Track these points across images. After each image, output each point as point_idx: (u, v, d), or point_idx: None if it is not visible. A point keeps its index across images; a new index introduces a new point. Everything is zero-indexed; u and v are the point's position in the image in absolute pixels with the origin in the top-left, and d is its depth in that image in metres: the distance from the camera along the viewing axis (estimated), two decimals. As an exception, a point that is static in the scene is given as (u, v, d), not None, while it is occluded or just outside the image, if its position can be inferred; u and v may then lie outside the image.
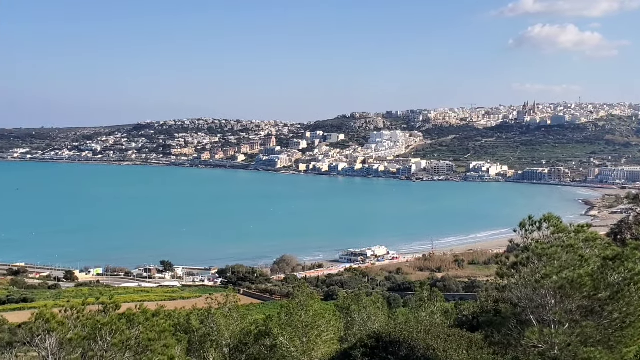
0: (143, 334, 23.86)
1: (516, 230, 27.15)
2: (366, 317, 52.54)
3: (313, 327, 39.95)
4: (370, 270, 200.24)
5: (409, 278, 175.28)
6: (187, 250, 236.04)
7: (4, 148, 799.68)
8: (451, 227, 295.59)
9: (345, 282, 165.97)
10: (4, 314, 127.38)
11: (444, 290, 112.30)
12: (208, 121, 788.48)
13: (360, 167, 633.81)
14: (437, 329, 35.40)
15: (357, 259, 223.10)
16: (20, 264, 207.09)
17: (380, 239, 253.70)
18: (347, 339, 47.80)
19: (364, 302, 55.57)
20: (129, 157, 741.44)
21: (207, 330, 42.13)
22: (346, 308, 55.28)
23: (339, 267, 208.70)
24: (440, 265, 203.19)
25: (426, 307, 50.32)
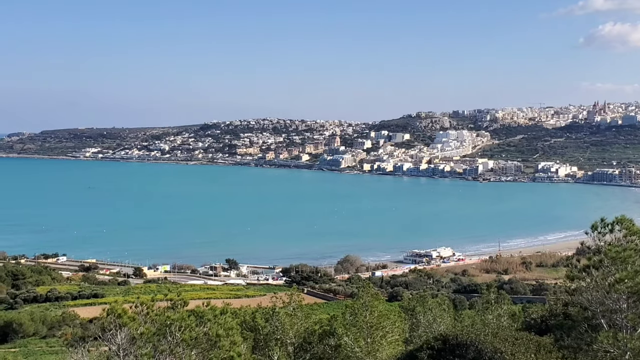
0: (211, 330, 24.16)
1: (588, 233, 26.50)
2: (431, 319, 52.04)
3: (378, 328, 39.76)
4: (436, 271, 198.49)
5: (474, 280, 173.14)
6: (252, 249, 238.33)
7: (77, 147, 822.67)
8: (519, 229, 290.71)
9: (410, 283, 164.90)
10: (75, 309, 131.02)
11: (510, 293, 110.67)
12: (273, 121, 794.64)
13: (425, 167, 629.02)
14: (505, 332, 34.83)
15: (421, 260, 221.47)
16: (92, 260, 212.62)
17: (445, 240, 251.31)
18: (412, 341, 47.45)
19: (430, 303, 55.07)
20: (195, 157, 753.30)
21: (272, 328, 42.36)
22: (411, 309, 54.88)
23: (404, 268, 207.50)
24: (507, 268, 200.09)
25: (493, 309, 49.53)
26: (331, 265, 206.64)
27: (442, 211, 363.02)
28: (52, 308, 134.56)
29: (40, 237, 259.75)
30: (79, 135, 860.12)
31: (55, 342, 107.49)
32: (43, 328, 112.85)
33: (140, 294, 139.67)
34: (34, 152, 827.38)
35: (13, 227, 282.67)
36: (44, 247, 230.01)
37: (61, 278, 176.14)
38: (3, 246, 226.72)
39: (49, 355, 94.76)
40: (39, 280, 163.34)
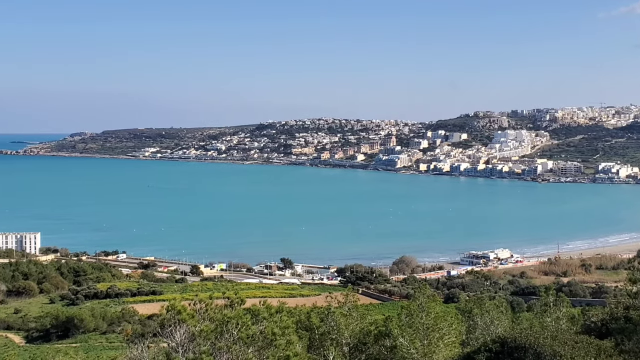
0: (267, 329, 24.31)
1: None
2: (489, 321, 51.31)
3: (434, 330, 39.40)
4: (493, 273, 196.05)
5: (533, 282, 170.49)
6: (307, 249, 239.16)
7: (137, 147, 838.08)
8: (578, 231, 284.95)
9: (467, 284, 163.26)
10: (134, 305, 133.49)
11: (570, 295, 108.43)
12: (328, 121, 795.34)
13: (483, 167, 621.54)
14: (564, 335, 34.15)
15: (478, 262, 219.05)
16: (150, 258, 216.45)
17: (503, 241, 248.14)
18: (468, 343, 46.90)
19: (487, 305, 54.32)
20: (251, 157, 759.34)
21: (327, 328, 42.34)
22: (468, 311, 54.20)
23: (460, 270, 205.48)
24: (566, 270, 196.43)
25: (551, 312, 48.60)
26: (386, 266, 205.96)
27: (500, 212, 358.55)
28: (112, 304, 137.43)
29: (101, 234, 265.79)
30: (139, 135, 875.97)
31: (114, 337, 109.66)
32: (103, 324, 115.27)
33: (197, 291, 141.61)
34: (96, 151, 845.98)
35: (75, 225, 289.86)
36: (105, 244, 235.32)
37: (121, 275, 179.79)
38: (66, 243, 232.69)
39: (108, 350, 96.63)
40: (99, 277, 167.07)
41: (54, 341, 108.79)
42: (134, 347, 31.18)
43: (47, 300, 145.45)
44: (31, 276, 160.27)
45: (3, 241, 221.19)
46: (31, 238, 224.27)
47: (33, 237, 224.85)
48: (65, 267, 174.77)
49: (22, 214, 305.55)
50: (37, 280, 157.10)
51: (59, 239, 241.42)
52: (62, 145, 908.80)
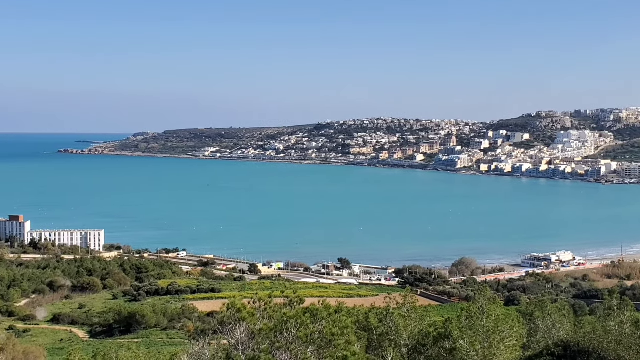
0: (326, 328, 24.28)
1: None
2: (550, 325, 50.40)
3: (495, 332, 38.80)
4: (554, 275, 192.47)
5: (595, 285, 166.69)
6: (364, 249, 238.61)
7: (197, 147, 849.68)
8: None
9: (528, 287, 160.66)
10: (194, 302, 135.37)
11: (633, 299, 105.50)
12: (387, 120, 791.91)
13: (545, 168, 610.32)
14: (629, 339, 33.32)
15: (540, 264, 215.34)
16: (209, 256, 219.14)
17: (565, 243, 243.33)
18: (530, 346, 46.14)
19: (549, 308, 53.33)
20: (309, 156, 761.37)
21: (385, 329, 42.09)
22: (529, 314, 53.31)
23: (521, 272, 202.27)
24: (630, 273, 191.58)
25: (615, 316, 47.42)
26: (445, 267, 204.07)
27: (562, 214, 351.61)
28: (172, 301, 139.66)
29: (162, 232, 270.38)
30: (199, 135, 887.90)
31: (175, 334, 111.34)
32: (164, 320, 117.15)
33: (255, 290, 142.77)
34: (157, 150, 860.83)
35: (137, 222, 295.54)
36: (166, 242, 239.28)
37: (181, 272, 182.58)
38: (128, 240, 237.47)
39: (169, 346, 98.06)
40: (160, 274, 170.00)
41: (116, 336, 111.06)
42: (195, 344, 31.53)
43: (110, 296, 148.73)
44: (95, 272, 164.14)
45: (69, 238, 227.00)
46: (95, 235, 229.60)
47: (97, 234, 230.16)
48: (127, 263, 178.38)
49: (87, 212, 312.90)
50: (100, 276, 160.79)
51: (122, 236, 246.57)
52: (125, 144, 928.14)
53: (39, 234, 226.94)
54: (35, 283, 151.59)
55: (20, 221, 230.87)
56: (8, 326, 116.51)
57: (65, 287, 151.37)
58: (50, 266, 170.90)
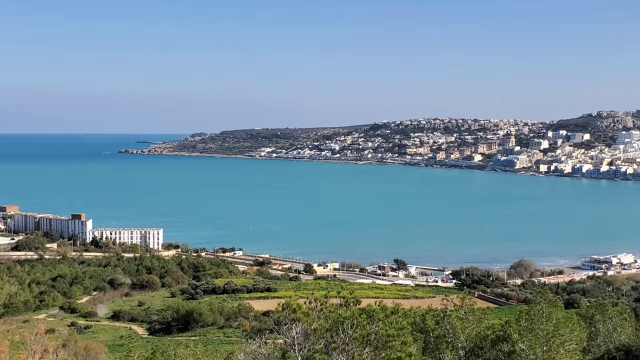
0: (382, 329, 24.04)
1: None
2: (611, 328, 49.19)
3: (555, 336, 38.04)
4: (616, 278, 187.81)
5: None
6: (421, 250, 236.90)
7: (253, 147, 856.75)
8: None
9: (588, 290, 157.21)
10: (250, 301, 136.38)
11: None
12: (444, 120, 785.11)
13: (606, 169, 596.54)
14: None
15: (600, 267, 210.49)
16: (265, 255, 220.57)
17: (626, 246, 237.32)
18: (590, 350, 45.12)
19: (610, 312, 52.07)
20: (365, 157, 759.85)
21: (442, 331, 41.59)
22: (589, 317, 52.16)
23: (581, 274, 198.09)
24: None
25: (679, 320, 46.10)
26: (503, 269, 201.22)
27: (623, 216, 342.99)
28: (228, 300, 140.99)
29: (218, 231, 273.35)
30: (255, 135, 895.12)
31: (231, 332, 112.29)
32: (220, 318, 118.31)
33: (311, 290, 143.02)
34: (214, 151, 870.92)
35: (195, 221, 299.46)
36: (222, 241, 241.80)
37: (237, 271, 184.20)
38: (186, 239, 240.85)
39: (226, 345, 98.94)
40: (217, 273, 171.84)
41: (174, 334, 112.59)
42: (252, 343, 31.64)
43: (168, 293, 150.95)
44: (154, 270, 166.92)
45: (129, 236, 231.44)
46: (154, 234, 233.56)
47: (156, 233, 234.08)
48: (185, 262, 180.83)
49: (146, 211, 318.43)
50: (159, 274, 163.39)
51: (179, 235, 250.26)
52: (183, 145, 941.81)
53: (100, 232, 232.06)
54: (97, 280, 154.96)
55: (83, 220, 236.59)
56: (70, 322, 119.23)
57: (125, 284, 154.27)
58: (111, 264, 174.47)
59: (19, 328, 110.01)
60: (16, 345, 71.49)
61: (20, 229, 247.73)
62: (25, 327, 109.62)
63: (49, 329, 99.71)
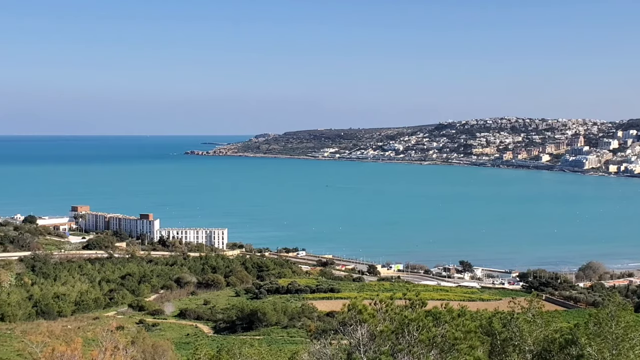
0: (449, 332, 23.83)
1: None
2: (686, 334, 47.67)
3: (624, 340, 37.08)
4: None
5: None
6: (487, 252, 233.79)
7: (316, 148, 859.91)
8: None
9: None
10: (313, 301, 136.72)
11: None
12: (511, 120, 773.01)
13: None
14: None
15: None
16: (328, 256, 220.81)
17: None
18: (663, 356, 43.76)
19: (684, 317, 50.50)
20: (429, 157, 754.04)
21: (509, 334, 40.96)
22: (662, 322, 50.67)
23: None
24: None
25: None
26: (572, 272, 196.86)
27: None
28: (292, 300, 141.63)
29: (282, 232, 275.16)
30: (318, 136, 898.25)
31: (295, 332, 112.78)
32: (284, 318, 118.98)
33: (374, 291, 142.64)
34: (278, 152, 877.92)
35: (259, 221, 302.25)
36: (286, 241, 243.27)
37: (300, 271, 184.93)
38: (250, 239, 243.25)
39: (289, 344, 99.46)
40: (280, 273, 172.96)
41: (239, 332, 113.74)
42: (316, 343, 31.73)
43: (232, 293, 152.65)
44: (219, 270, 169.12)
45: (194, 236, 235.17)
46: (219, 234, 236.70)
47: (221, 232, 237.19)
48: (249, 262, 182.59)
49: (211, 211, 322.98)
50: (224, 273, 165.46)
51: (244, 235, 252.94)
52: (247, 146, 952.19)
53: (167, 232, 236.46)
54: (164, 279, 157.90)
55: (150, 220, 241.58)
56: (138, 320, 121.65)
57: (191, 283, 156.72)
58: (177, 263, 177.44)
59: (90, 325, 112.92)
60: (87, 342, 73.44)
61: (91, 228, 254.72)
62: (95, 324, 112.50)
63: (118, 326, 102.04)
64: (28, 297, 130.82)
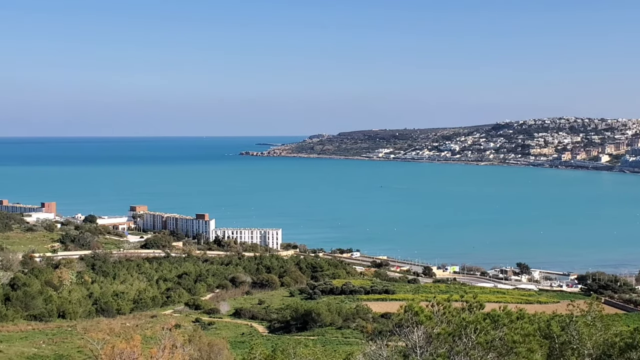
0: (507, 335, 23.50)
1: None
2: None
3: (687, 344, 36.16)
4: None
5: None
6: (544, 254, 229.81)
7: (370, 148, 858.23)
8: None
9: None
10: (368, 303, 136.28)
11: None
12: (569, 120, 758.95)
13: None
14: None
15: None
16: (383, 257, 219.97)
17: None
18: None
19: None
20: (486, 157, 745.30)
21: (568, 337, 40.19)
22: None
23: None
24: None
25: None
26: (632, 275, 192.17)
27: None
28: (346, 300, 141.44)
29: (336, 232, 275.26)
30: (373, 136, 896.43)
31: (349, 333, 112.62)
32: (338, 319, 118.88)
33: (430, 293, 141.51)
34: (332, 152, 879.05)
35: (313, 222, 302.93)
36: (340, 242, 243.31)
37: (355, 272, 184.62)
38: (304, 239, 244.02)
39: (344, 345, 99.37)
40: (334, 274, 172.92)
41: (293, 332, 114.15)
42: (372, 344, 31.67)
43: (287, 293, 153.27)
44: (273, 270, 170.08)
45: (249, 236, 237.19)
46: (273, 234, 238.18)
47: (275, 233, 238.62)
48: (303, 262, 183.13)
49: (265, 212, 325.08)
50: (278, 273, 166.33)
51: (298, 235, 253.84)
52: (301, 146, 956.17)
53: (222, 231, 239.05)
54: (219, 278, 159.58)
55: (206, 220, 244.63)
56: (195, 318, 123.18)
57: (245, 283, 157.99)
58: (232, 263, 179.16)
59: (148, 323, 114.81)
60: (146, 340, 74.64)
61: (148, 228, 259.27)
62: (153, 322, 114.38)
63: (175, 325, 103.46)
64: (88, 295, 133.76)
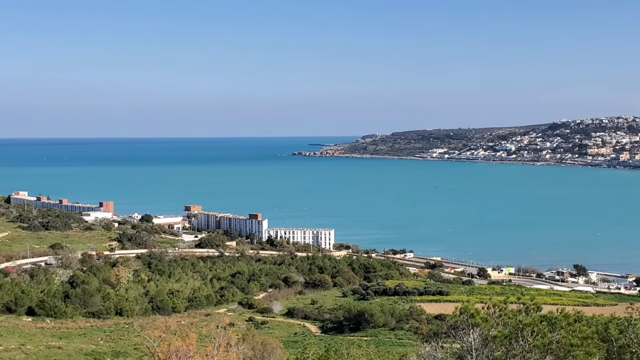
0: (565, 338, 23.05)
1: None
2: None
3: None
4: None
5: None
6: (602, 255, 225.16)
7: (424, 148, 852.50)
8: None
9: None
10: (421, 304, 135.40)
11: None
12: (628, 119, 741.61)
13: None
14: None
15: None
16: (437, 258, 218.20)
17: None
18: None
19: None
20: (542, 157, 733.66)
21: (626, 341, 39.35)
22: None
23: None
24: None
25: None
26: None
27: None
28: (399, 301, 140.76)
29: (389, 233, 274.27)
30: (427, 136, 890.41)
31: (403, 334, 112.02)
32: (392, 320, 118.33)
33: (485, 294, 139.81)
34: (385, 152, 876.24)
35: (366, 223, 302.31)
36: (393, 242, 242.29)
37: (408, 273, 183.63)
38: (357, 240, 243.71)
39: (397, 347, 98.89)
40: (388, 274, 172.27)
41: (346, 333, 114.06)
42: (426, 346, 31.41)
43: (339, 293, 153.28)
44: (326, 270, 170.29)
45: (301, 236, 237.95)
46: (326, 234, 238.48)
47: (328, 233, 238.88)
48: (356, 263, 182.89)
49: (318, 212, 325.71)
50: (331, 274, 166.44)
51: (350, 236, 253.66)
52: (354, 147, 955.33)
53: (275, 231, 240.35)
54: (272, 278, 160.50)
55: (259, 220, 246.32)
56: (248, 317, 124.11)
57: (298, 283, 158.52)
58: (285, 262, 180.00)
59: (202, 321, 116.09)
60: (201, 338, 75.47)
61: (203, 227, 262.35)
62: (208, 321, 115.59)
63: (229, 323, 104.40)
64: (144, 293, 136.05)
